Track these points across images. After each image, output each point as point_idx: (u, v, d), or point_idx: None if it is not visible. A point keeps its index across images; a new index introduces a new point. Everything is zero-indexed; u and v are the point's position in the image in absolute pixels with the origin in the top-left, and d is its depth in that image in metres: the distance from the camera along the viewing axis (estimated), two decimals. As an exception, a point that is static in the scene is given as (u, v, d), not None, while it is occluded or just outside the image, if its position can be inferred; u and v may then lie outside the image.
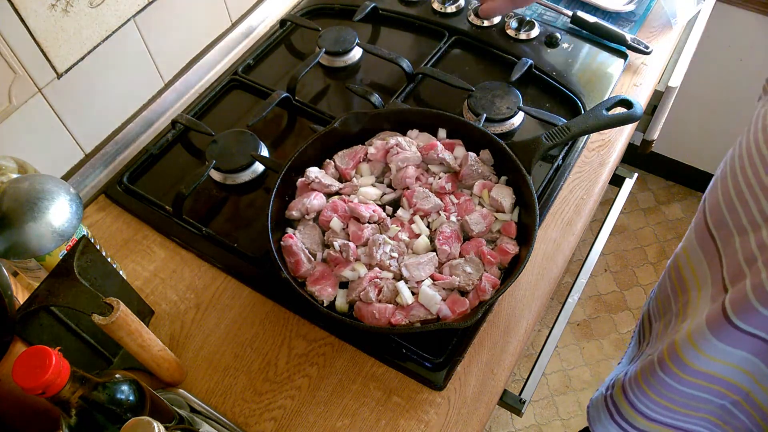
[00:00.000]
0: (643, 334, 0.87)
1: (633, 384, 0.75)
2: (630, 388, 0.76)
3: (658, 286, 0.84)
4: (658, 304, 0.81)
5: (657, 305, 0.82)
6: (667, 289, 0.78)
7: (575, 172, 0.97)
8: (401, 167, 0.89)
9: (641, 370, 0.74)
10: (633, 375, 0.76)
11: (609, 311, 1.91)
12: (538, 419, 1.74)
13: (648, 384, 0.72)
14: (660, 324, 0.79)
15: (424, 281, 0.79)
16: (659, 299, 0.81)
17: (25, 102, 0.85)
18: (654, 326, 0.82)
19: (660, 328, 0.79)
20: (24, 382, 0.50)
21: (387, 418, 0.76)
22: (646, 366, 0.73)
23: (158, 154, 1.01)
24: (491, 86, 1.02)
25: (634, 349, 0.89)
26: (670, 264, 0.79)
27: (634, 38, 1.09)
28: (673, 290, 0.76)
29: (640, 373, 0.74)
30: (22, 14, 0.79)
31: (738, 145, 0.65)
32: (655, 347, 0.76)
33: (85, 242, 0.69)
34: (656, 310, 0.82)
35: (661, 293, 0.81)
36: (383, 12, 1.20)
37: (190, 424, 0.72)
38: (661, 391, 0.71)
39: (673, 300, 0.76)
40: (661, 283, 0.82)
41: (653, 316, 0.83)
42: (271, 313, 0.85)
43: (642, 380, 0.73)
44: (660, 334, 0.78)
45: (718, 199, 0.66)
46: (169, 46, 1.04)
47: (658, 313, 0.81)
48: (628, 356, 0.90)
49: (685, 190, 2.14)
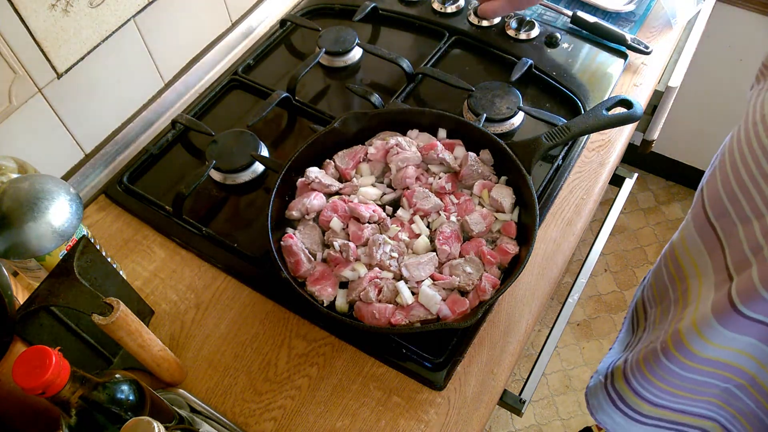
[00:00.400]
0: (637, 321, 0.87)
1: (636, 372, 0.76)
2: (633, 375, 0.76)
3: (652, 274, 0.84)
4: (653, 291, 0.82)
5: (652, 292, 0.82)
6: (664, 277, 0.79)
7: (575, 172, 0.97)
8: (401, 167, 0.89)
9: (644, 357, 0.74)
10: (634, 363, 0.76)
11: (609, 311, 1.91)
12: (538, 419, 1.74)
13: (652, 371, 0.73)
14: (657, 310, 0.80)
15: (424, 281, 0.79)
16: (655, 287, 0.81)
17: (25, 102, 0.85)
18: (650, 312, 0.82)
19: (657, 314, 0.79)
20: (24, 382, 0.50)
21: (387, 418, 0.76)
22: (649, 354, 0.73)
23: (158, 154, 1.01)
24: (491, 86, 1.02)
25: (627, 336, 0.90)
26: (666, 253, 0.80)
27: (634, 38, 1.09)
28: (671, 278, 0.76)
29: (643, 361, 0.74)
30: (22, 14, 0.79)
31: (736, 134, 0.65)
32: (654, 334, 0.77)
33: (85, 242, 0.69)
34: (651, 297, 0.82)
35: (656, 281, 0.81)
36: (383, 12, 1.20)
37: (190, 424, 0.72)
38: (665, 377, 0.72)
39: (671, 288, 0.77)
40: (656, 271, 0.82)
41: (648, 303, 0.83)
42: (271, 313, 0.85)
43: (645, 368, 0.74)
44: (658, 320, 0.78)
45: (717, 189, 0.66)
46: (169, 46, 1.04)
47: (653, 300, 0.82)
48: (621, 342, 0.90)
49: (685, 190, 2.14)
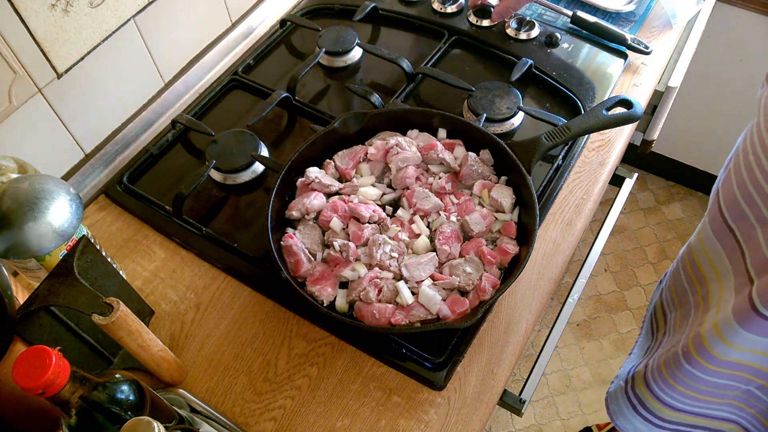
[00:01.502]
0: (656, 325, 0.86)
1: (657, 377, 0.76)
2: (654, 380, 0.76)
3: (670, 277, 0.84)
4: (672, 294, 0.81)
5: (671, 296, 0.82)
6: (683, 281, 0.78)
7: (575, 172, 0.97)
8: (401, 167, 0.89)
9: (665, 362, 0.74)
10: (655, 368, 0.76)
11: (609, 311, 1.91)
12: (538, 419, 1.74)
13: (673, 376, 0.73)
14: (677, 314, 0.79)
15: (424, 281, 0.79)
16: (673, 290, 0.81)
17: (25, 102, 0.85)
18: (669, 317, 0.82)
19: (677, 318, 0.79)
20: (24, 382, 0.50)
21: (387, 418, 0.76)
22: (670, 358, 0.73)
23: (158, 154, 1.01)
24: (491, 86, 1.02)
25: (646, 340, 0.89)
26: (684, 256, 0.79)
27: (634, 38, 1.09)
28: (690, 282, 0.76)
29: (664, 366, 0.74)
30: (22, 14, 0.79)
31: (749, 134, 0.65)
32: (675, 338, 0.76)
33: (85, 242, 0.69)
34: (671, 301, 0.82)
35: (675, 284, 0.81)
36: (383, 12, 1.20)
37: (190, 424, 0.72)
38: (687, 382, 0.71)
39: (690, 291, 0.76)
40: (674, 274, 0.82)
41: (667, 307, 0.83)
42: (271, 313, 0.85)
43: (667, 373, 0.74)
44: (678, 324, 0.78)
45: (733, 192, 0.66)
46: (169, 46, 1.04)
47: (672, 303, 0.81)
48: (641, 347, 0.89)
49: (685, 190, 2.14)
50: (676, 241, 2.03)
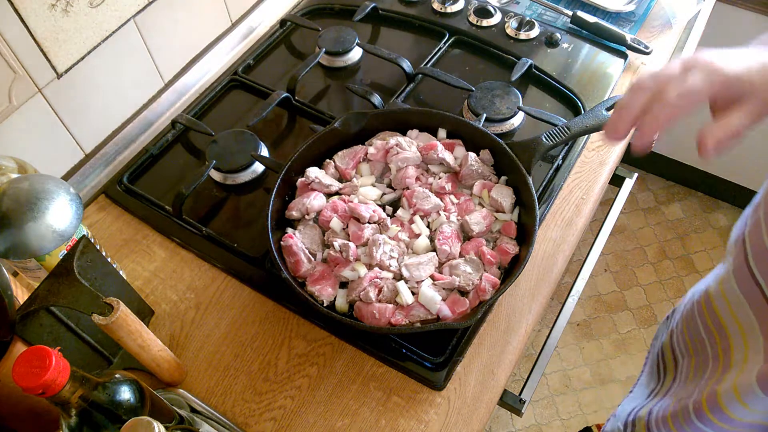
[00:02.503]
0: (664, 367, 0.83)
1: (662, 427, 0.73)
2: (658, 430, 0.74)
3: (683, 320, 0.79)
4: (686, 340, 0.77)
5: (684, 341, 0.77)
6: (699, 329, 0.73)
7: (575, 172, 0.97)
8: (401, 167, 0.89)
9: (672, 415, 0.71)
10: (660, 418, 0.73)
11: (609, 311, 1.91)
12: (538, 419, 1.74)
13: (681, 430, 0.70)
14: (690, 362, 0.75)
15: (424, 281, 0.79)
16: (687, 336, 0.76)
17: (25, 102, 0.85)
18: (681, 362, 0.78)
19: (691, 366, 0.75)
20: (24, 382, 0.50)
21: (387, 418, 0.76)
22: (679, 412, 0.70)
23: (158, 154, 1.01)
24: (491, 86, 1.02)
25: (651, 380, 0.85)
26: (702, 302, 0.74)
27: (634, 38, 1.09)
28: (708, 332, 0.72)
29: (671, 419, 0.71)
30: (22, 14, 0.79)
31: None
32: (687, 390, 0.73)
33: (85, 242, 0.69)
34: (683, 346, 0.78)
35: (689, 330, 0.76)
36: (383, 12, 1.20)
37: (190, 424, 0.72)
38: None
39: (708, 342, 0.72)
40: (688, 318, 0.77)
41: (679, 352, 0.79)
42: (271, 313, 0.85)
43: (673, 425, 0.71)
44: (692, 374, 0.74)
45: (762, 241, 0.60)
46: (169, 46, 1.04)
47: (686, 350, 0.77)
48: (645, 387, 0.86)
49: (685, 190, 2.14)
50: (676, 241, 2.03)
